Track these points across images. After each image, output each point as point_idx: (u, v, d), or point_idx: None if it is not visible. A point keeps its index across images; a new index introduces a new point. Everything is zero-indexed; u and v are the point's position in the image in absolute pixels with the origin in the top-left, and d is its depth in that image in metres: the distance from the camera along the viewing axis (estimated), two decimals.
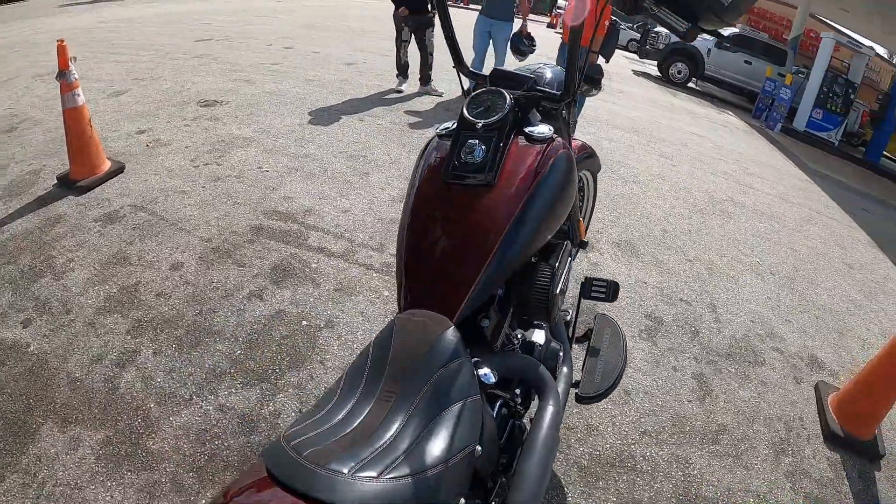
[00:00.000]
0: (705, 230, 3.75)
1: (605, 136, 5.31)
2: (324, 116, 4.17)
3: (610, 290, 1.63)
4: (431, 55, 4.94)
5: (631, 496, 1.71)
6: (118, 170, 2.93)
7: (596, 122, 5.51)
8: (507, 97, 1.15)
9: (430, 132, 4.83)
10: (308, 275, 2.28)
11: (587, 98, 4.61)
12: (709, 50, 11.00)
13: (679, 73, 11.39)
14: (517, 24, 4.65)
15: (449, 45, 1.37)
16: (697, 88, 11.68)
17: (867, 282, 3.74)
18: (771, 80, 9.83)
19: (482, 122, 1.10)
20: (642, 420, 2.00)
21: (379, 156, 3.58)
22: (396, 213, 2.91)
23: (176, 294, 2.03)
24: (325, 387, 1.76)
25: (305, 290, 2.18)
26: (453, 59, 1.38)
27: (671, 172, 4.75)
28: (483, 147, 1.08)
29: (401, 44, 4.84)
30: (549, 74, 1.51)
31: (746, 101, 11.42)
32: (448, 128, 1.18)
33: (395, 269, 1.19)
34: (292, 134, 3.72)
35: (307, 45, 6.78)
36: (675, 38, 11.65)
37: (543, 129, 1.15)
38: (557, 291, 1.19)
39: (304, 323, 2.00)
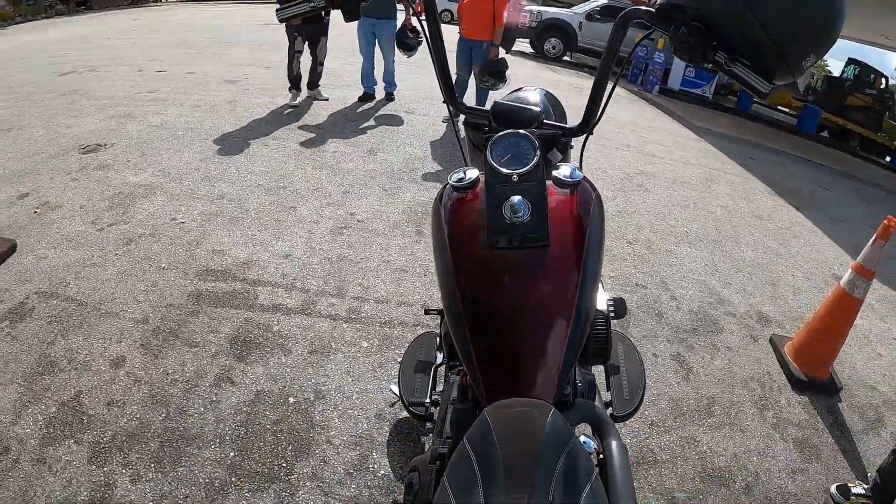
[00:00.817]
0: (631, 209, 4.12)
1: None
2: (225, 146, 3.89)
3: (618, 306, 1.71)
4: (322, 64, 4.87)
5: (663, 487, 1.87)
6: (9, 249, 2.49)
7: None
8: (533, 140, 1.14)
9: (343, 147, 4.72)
10: (273, 341, 2.14)
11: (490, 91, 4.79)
12: (580, 23, 11.93)
13: (553, 48, 12.22)
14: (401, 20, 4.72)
15: (440, 77, 1.30)
16: (573, 61, 12.60)
17: (778, 230, 4.39)
18: (642, 45, 10.96)
19: (516, 172, 1.08)
20: (646, 413, 2.18)
21: (299, 184, 3.44)
22: (342, 248, 2.82)
23: (130, 398, 1.80)
24: (345, 468, 1.69)
25: (277, 360, 2.05)
26: (445, 95, 1.32)
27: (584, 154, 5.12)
28: (527, 203, 1.05)
29: (293, 55, 4.68)
30: (537, 99, 1.55)
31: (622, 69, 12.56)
32: (463, 178, 1.14)
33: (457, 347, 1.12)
34: (196, 172, 3.44)
35: (180, 66, 6.25)
36: (547, 15, 12.60)
37: (571, 171, 1.15)
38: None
39: (292, 400, 1.89)
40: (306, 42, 4.70)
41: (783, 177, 6.41)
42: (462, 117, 1.48)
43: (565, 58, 12.49)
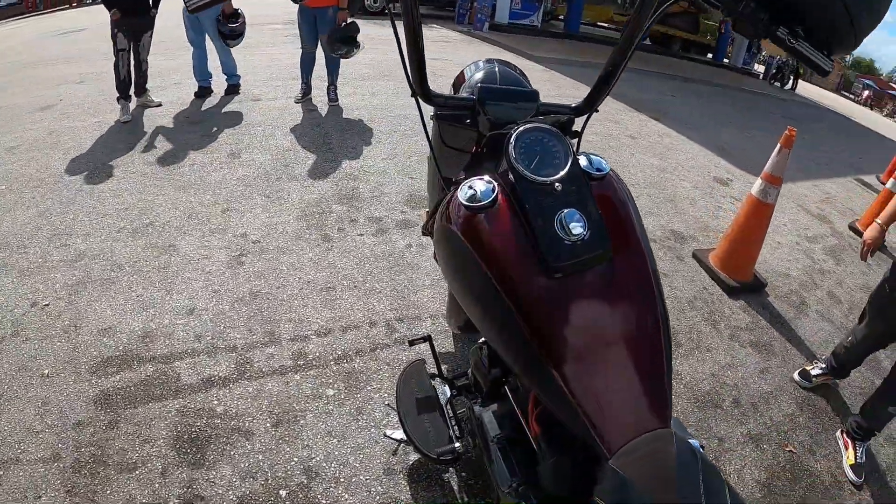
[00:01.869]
0: None
1: (377, 89, 5.27)
2: (63, 191, 3.00)
3: None
4: (146, 62, 4.06)
5: None
6: None
7: (366, 78, 5.39)
8: (559, 134, 1.02)
9: (200, 157, 4.10)
10: (225, 427, 1.76)
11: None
12: None
13: (375, 2, 11.76)
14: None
15: (412, 62, 1.08)
16: (397, 12, 12.30)
17: (651, 146, 4.82)
18: None
19: (555, 179, 0.96)
20: None
21: (166, 214, 2.83)
22: (250, 282, 2.41)
23: None
24: None
25: (242, 449, 1.69)
26: (415, 84, 1.10)
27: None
28: (581, 215, 0.94)
29: (119, 54, 3.82)
30: (514, 76, 1.38)
31: (447, 11, 12.61)
32: (476, 194, 0.99)
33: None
34: (39, 233, 2.60)
35: None
36: None
37: (597, 163, 1.06)
38: None
39: (284, 493, 1.58)
40: (130, 39, 3.87)
41: (634, 92, 7.04)
42: (431, 114, 1.27)
43: (386, 11, 12.09)
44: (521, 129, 1.03)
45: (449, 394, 1.52)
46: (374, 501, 1.59)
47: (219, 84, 4.51)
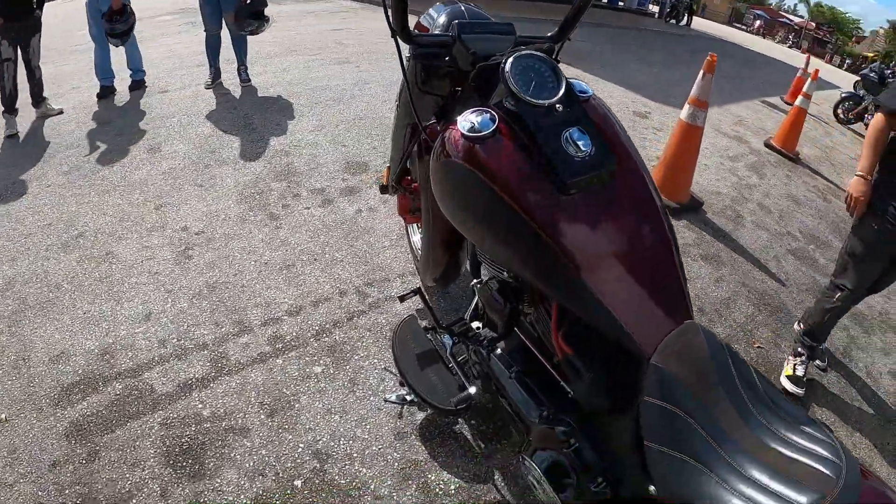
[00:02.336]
0: None
1: (288, 65, 5.00)
2: None
3: None
4: (38, 68, 3.55)
5: None
6: None
7: (273, 55, 5.06)
8: (548, 59, 1.08)
9: (118, 158, 3.90)
10: (216, 430, 1.65)
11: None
12: None
13: None
14: None
15: (396, 3, 1.08)
16: None
17: None
18: None
19: (554, 101, 1.01)
20: None
21: (96, 222, 2.53)
22: (204, 274, 2.25)
23: None
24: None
25: (241, 449, 1.60)
26: (395, 23, 1.11)
27: (370, 73, 4.84)
28: (584, 133, 1.00)
29: (3, 65, 3.28)
30: (480, 12, 1.35)
31: None
32: (476, 125, 1.01)
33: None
34: None
35: None
36: None
37: (579, 86, 1.12)
38: None
39: (300, 483, 1.52)
40: (16, 46, 3.34)
41: None
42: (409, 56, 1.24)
43: None
44: (515, 56, 1.05)
45: (450, 342, 1.51)
46: (393, 469, 1.58)
47: (121, 82, 4.08)
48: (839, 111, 7.23)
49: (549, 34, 1.31)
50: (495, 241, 1.04)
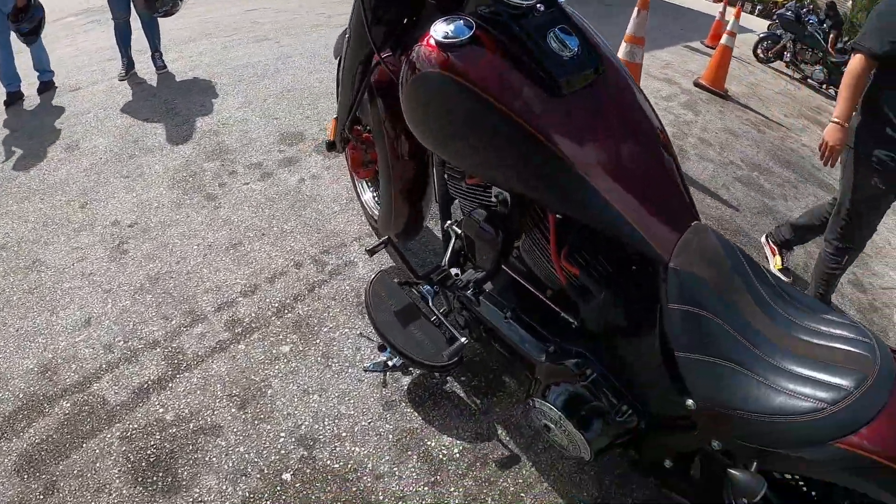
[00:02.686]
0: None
1: (203, 48, 4.63)
2: None
3: None
4: None
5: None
6: None
7: (187, 41, 4.65)
8: None
9: (33, 162, 3.73)
10: (185, 435, 1.47)
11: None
12: None
13: None
14: None
15: None
16: None
17: None
18: None
19: (533, 1, 0.94)
20: None
21: (17, 230, 2.18)
22: (143, 267, 2.02)
23: None
24: (425, 482, 1.37)
25: (216, 450, 1.43)
26: None
27: (291, 48, 4.57)
28: (569, 32, 0.94)
29: None
30: None
31: None
32: (447, 30, 0.92)
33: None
34: None
35: None
36: None
37: None
38: None
39: (288, 477, 1.38)
40: None
41: None
42: None
43: None
44: None
45: (431, 293, 1.41)
46: (389, 442, 1.47)
47: (29, 87, 3.61)
48: (759, 51, 7.52)
49: None
50: (484, 154, 0.96)
